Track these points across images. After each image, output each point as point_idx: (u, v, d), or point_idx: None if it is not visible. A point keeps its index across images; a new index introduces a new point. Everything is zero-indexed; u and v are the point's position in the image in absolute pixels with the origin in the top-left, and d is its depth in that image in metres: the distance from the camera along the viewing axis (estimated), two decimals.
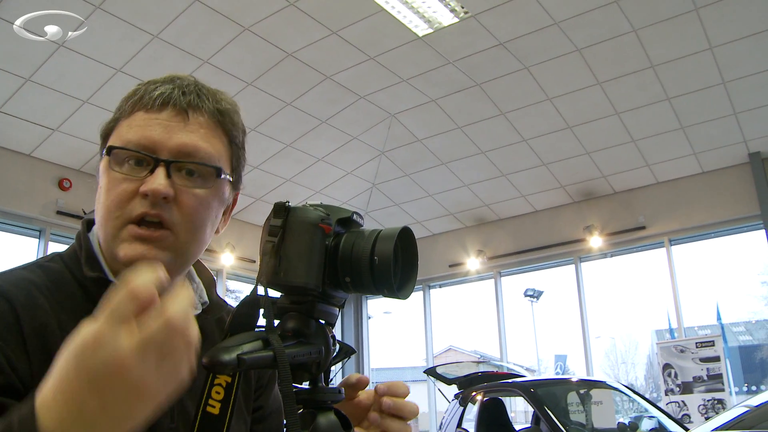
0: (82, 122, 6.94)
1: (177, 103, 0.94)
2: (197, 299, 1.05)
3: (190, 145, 0.93)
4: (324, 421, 0.80)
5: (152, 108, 0.94)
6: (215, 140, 0.97)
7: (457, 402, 6.27)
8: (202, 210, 0.94)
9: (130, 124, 0.94)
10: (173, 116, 0.94)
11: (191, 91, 0.96)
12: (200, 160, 0.94)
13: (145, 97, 0.94)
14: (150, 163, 0.91)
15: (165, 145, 0.92)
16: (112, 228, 0.92)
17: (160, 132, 0.92)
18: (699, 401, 7.33)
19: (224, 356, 0.69)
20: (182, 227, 0.92)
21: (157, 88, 0.95)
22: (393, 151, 8.76)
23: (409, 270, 0.84)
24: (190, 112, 0.95)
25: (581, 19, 6.23)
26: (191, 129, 0.94)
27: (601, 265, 9.53)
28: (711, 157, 8.20)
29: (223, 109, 0.99)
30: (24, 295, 0.87)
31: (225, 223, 1.05)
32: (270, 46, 6.49)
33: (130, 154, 0.92)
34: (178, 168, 0.92)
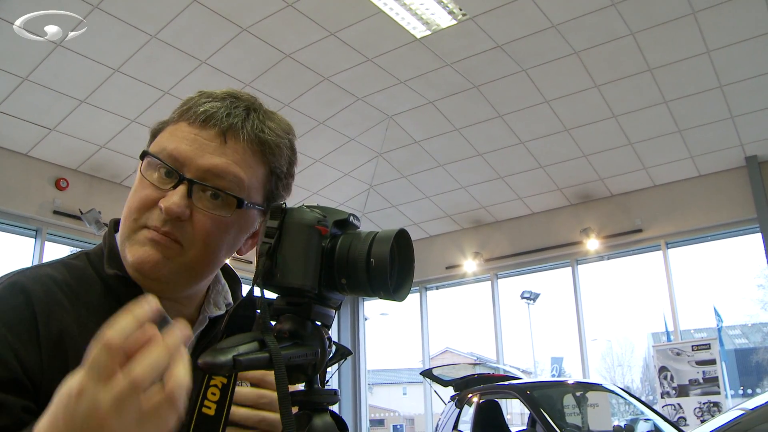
0: (79, 122, 6.93)
1: (218, 123, 0.93)
2: (221, 300, 1.06)
3: (220, 168, 0.92)
4: (320, 423, 0.80)
5: (194, 122, 0.94)
6: (248, 168, 0.95)
7: (453, 404, 6.26)
8: (218, 233, 0.94)
9: (172, 133, 0.95)
10: (213, 137, 0.93)
11: (238, 114, 0.95)
12: (226, 185, 0.92)
13: (192, 109, 0.95)
14: (176, 178, 0.91)
15: (194, 163, 0.92)
16: (127, 229, 0.94)
17: (193, 149, 0.92)
18: (695, 404, 7.34)
19: (220, 357, 0.69)
20: (193, 246, 0.92)
21: (206, 103, 0.95)
22: (390, 153, 8.76)
23: (405, 272, 0.84)
24: (229, 135, 0.94)
25: (579, 22, 6.24)
26: (226, 153, 0.93)
27: (598, 267, 9.54)
28: (708, 160, 8.21)
29: (265, 138, 0.97)
30: (43, 290, 0.88)
31: (251, 247, 1.04)
32: (268, 47, 6.49)
33: (160, 164, 0.93)
34: (202, 189, 0.92)
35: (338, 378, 10.66)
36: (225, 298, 1.07)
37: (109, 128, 7.11)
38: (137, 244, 0.92)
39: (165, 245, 0.91)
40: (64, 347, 0.85)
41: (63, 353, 0.85)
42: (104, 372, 0.58)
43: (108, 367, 0.58)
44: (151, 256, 0.91)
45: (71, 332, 0.87)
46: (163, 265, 0.91)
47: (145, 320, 0.60)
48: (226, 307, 1.06)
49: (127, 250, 0.93)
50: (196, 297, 1.04)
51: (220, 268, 1.01)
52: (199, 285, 1.01)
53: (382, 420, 19.32)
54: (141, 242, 0.92)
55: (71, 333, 0.87)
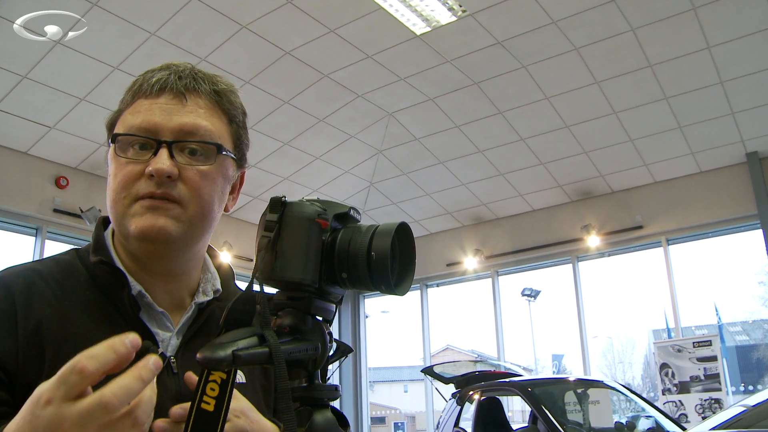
0: (79, 120, 6.92)
1: (174, 87, 0.98)
2: (210, 287, 1.08)
3: (189, 124, 0.97)
4: (320, 419, 0.79)
5: (151, 94, 0.97)
6: (215, 119, 1.00)
7: (454, 401, 6.26)
8: (208, 184, 0.98)
9: (132, 112, 0.98)
10: (171, 99, 0.98)
11: (187, 75, 1.00)
12: (200, 138, 0.97)
13: (144, 84, 0.98)
14: (153, 146, 0.95)
15: (166, 127, 0.95)
16: (121, 207, 0.95)
17: (160, 115, 0.96)
18: (696, 401, 7.34)
19: (219, 352, 0.69)
20: (190, 201, 0.96)
21: (154, 75, 0.99)
22: (390, 150, 8.75)
23: (406, 266, 0.83)
24: (188, 94, 0.99)
25: (579, 18, 6.23)
26: (190, 110, 0.98)
27: (599, 264, 9.53)
28: (708, 156, 8.20)
29: (220, 89, 1.03)
30: (25, 283, 0.92)
31: (234, 201, 1.09)
32: (267, 44, 6.48)
33: (134, 139, 0.96)
34: (180, 148, 0.96)
35: (339, 375, 10.66)
36: (213, 285, 1.09)
37: None
38: (137, 216, 0.94)
39: (165, 208, 0.94)
40: (40, 339, 0.88)
41: (39, 344, 0.88)
42: (73, 391, 0.61)
43: (77, 388, 0.61)
44: (156, 221, 0.94)
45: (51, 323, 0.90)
46: (170, 225, 0.94)
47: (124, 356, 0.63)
48: (214, 293, 1.07)
49: (128, 224, 0.95)
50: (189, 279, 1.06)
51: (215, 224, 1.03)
52: (199, 244, 1.03)
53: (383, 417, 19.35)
54: (140, 213, 0.94)
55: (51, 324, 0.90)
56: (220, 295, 1.08)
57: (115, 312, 0.96)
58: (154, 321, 0.99)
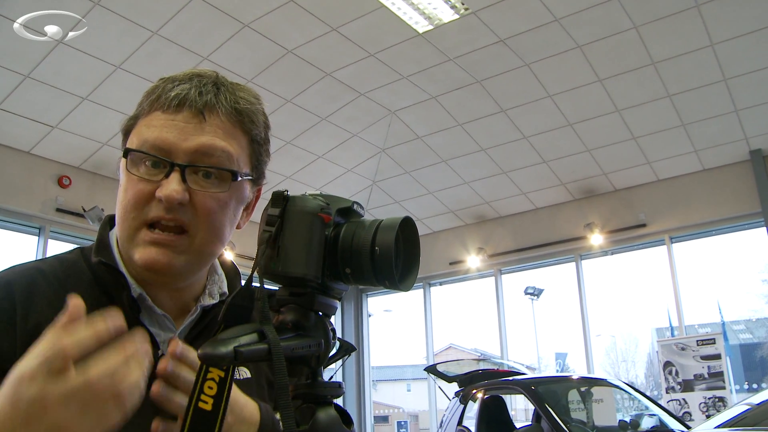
0: (81, 119, 6.92)
1: (193, 104, 0.93)
2: (216, 290, 1.06)
3: (206, 146, 0.92)
4: (323, 416, 0.78)
5: (168, 108, 0.93)
6: (233, 140, 0.96)
7: (457, 400, 6.26)
8: (220, 211, 0.94)
9: (147, 125, 0.94)
10: (190, 118, 0.93)
11: (208, 91, 0.95)
12: (217, 161, 0.93)
13: (162, 96, 0.94)
14: (166, 166, 0.91)
15: (180, 148, 0.91)
16: (127, 229, 0.93)
17: (175, 134, 0.92)
18: (700, 399, 7.32)
19: (221, 349, 0.68)
20: (199, 229, 0.93)
21: (174, 88, 0.94)
22: (393, 149, 8.74)
23: (410, 261, 0.82)
24: (207, 113, 0.94)
25: (582, 15, 6.21)
26: (208, 130, 0.93)
27: (602, 262, 9.52)
28: (712, 154, 8.18)
29: (242, 108, 0.97)
30: (26, 282, 0.91)
31: (247, 218, 1.06)
32: (270, 43, 6.47)
33: (147, 157, 0.92)
34: (193, 171, 0.92)
35: (342, 374, 10.66)
36: (220, 288, 1.07)
37: (111, 125, 7.09)
38: (142, 245, 0.92)
39: (171, 243, 0.92)
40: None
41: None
42: (56, 369, 0.62)
43: (58, 366, 0.62)
44: (161, 256, 0.91)
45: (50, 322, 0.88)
46: (174, 261, 0.92)
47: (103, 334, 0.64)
48: (220, 296, 1.06)
49: (132, 251, 0.93)
50: (195, 285, 1.04)
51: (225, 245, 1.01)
52: (206, 268, 1.02)
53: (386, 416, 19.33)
54: (145, 243, 0.92)
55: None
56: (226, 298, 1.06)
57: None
58: (156, 323, 0.98)
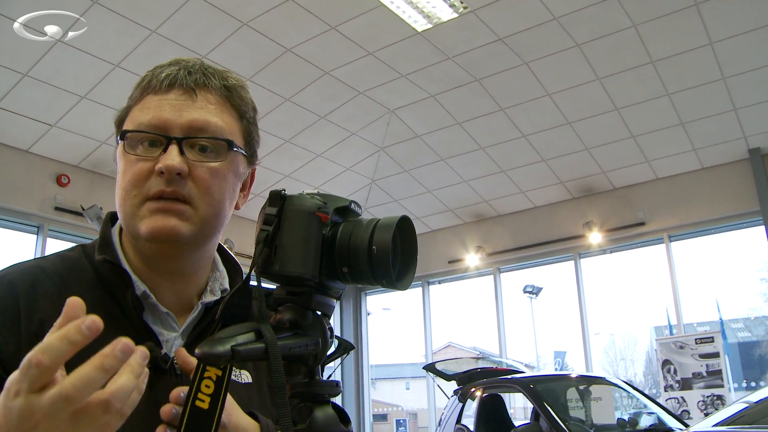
0: (80, 118, 6.92)
1: (184, 82, 0.96)
2: (217, 286, 1.06)
3: (200, 120, 0.95)
4: (321, 415, 0.78)
5: (160, 89, 0.96)
6: (225, 115, 0.98)
7: (456, 398, 6.26)
8: (218, 182, 0.96)
9: (141, 108, 0.96)
10: (181, 95, 0.96)
11: (197, 71, 0.98)
12: (211, 134, 0.95)
13: (153, 80, 0.96)
14: (163, 143, 0.93)
15: (175, 123, 0.94)
16: (130, 207, 0.94)
17: (169, 111, 0.94)
18: (698, 397, 7.33)
19: (218, 347, 0.68)
20: (201, 200, 0.94)
21: (163, 71, 0.97)
22: (392, 147, 8.74)
23: (408, 260, 0.82)
24: (198, 90, 0.97)
25: (581, 14, 6.21)
26: (200, 105, 0.96)
27: (601, 261, 9.52)
28: (711, 153, 8.19)
29: (230, 85, 1.01)
30: (29, 281, 0.90)
31: (245, 199, 1.08)
32: (269, 42, 6.47)
33: (143, 136, 0.94)
34: (190, 144, 0.94)
35: (341, 373, 10.66)
36: (221, 285, 1.07)
37: (110, 124, 6.92)
38: (148, 216, 0.93)
39: (176, 210, 0.93)
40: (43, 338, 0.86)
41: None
42: (36, 384, 0.61)
43: (39, 381, 0.61)
44: (167, 222, 0.92)
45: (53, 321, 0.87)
46: (181, 226, 0.93)
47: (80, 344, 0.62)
48: (221, 293, 1.06)
49: (137, 225, 0.93)
50: (198, 280, 1.05)
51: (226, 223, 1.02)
52: (210, 243, 1.02)
53: (385, 415, 19.33)
54: (150, 213, 0.93)
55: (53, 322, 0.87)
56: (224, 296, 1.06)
57: (118, 311, 0.94)
58: (159, 321, 0.98)
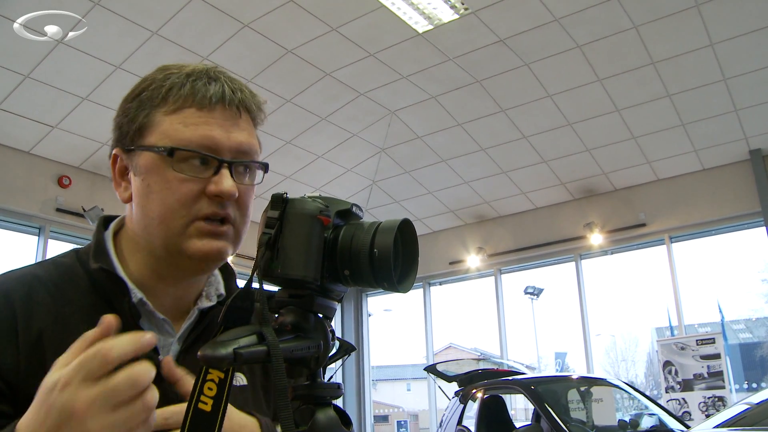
0: (81, 119, 6.92)
1: (230, 101, 0.95)
2: (213, 291, 1.07)
3: (245, 144, 0.96)
4: (323, 417, 0.78)
5: (205, 106, 0.94)
6: (254, 135, 1.00)
7: (457, 399, 6.26)
8: (251, 203, 1.00)
9: (184, 122, 0.93)
10: (227, 115, 0.95)
11: (238, 88, 0.98)
12: (252, 157, 0.97)
13: (198, 94, 0.94)
14: (214, 164, 0.93)
15: (225, 145, 0.93)
16: (178, 226, 0.93)
17: (219, 132, 0.93)
18: (699, 398, 7.32)
19: (221, 350, 0.68)
20: (240, 221, 0.97)
21: (205, 85, 0.95)
22: (393, 148, 8.74)
23: (409, 263, 0.82)
24: (242, 110, 0.97)
25: (581, 15, 6.21)
26: (243, 127, 0.97)
27: (602, 262, 9.52)
28: (711, 154, 8.18)
29: (257, 103, 1.01)
30: (25, 291, 0.89)
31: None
32: (270, 43, 6.47)
33: (196, 156, 0.93)
34: (237, 167, 0.95)
35: (342, 374, 10.66)
36: (216, 290, 1.08)
37: (111, 125, 7.09)
38: (195, 238, 0.93)
39: (225, 234, 0.95)
40: (42, 348, 0.87)
41: (41, 354, 0.86)
42: (93, 375, 0.64)
43: (98, 372, 0.64)
44: (218, 245, 0.94)
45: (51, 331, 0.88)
46: (227, 248, 0.96)
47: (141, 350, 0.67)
48: (217, 298, 1.06)
49: (184, 243, 0.93)
50: (197, 285, 1.05)
51: None
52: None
53: (386, 416, 19.32)
54: (199, 235, 0.93)
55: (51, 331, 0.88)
56: (223, 299, 1.07)
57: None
58: (156, 328, 0.97)
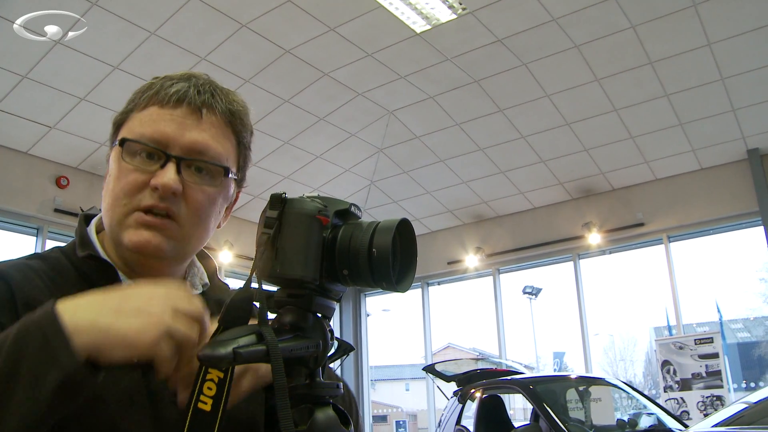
0: (79, 120, 6.92)
1: (192, 101, 0.97)
2: (198, 281, 1.08)
3: (201, 143, 0.96)
4: (322, 417, 0.79)
5: (167, 104, 0.96)
6: (225, 140, 0.99)
7: (456, 399, 6.26)
8: (208, 206, 0.98)
9: (143, 118, 0.96)
10: (188, 114, 0.96)
11: (206, 90, 0.99)
12: (210, 158, 0.96)
13: (161, 92, 0.97)
14: (161, 158, 0.94)
15: (177, 142, 0.95)
16: (119, 215, 0.95)
17: (173, 128, 0.95)
18: (698, 398, 7.33)
19: (220, 350, 0.68)
20: (188, 220, 0.96)
21: (173, 85, 0.98)
22: (391, 148, 8.75)
23: (407, 263, 0.83)
24: (204, 110, 0.97)
25: (579, 15, 6.22)
26: (203, 128, 0.97)
27: (600, 262, 9.53)
28: (709, 153, 8.19)
29: (235, 110, 1.01)
30: (21, 275, 0.90)
31: (226, 219, 1.09)
32: (267, 43, 6.47)
33: (143, 148, 0.95)
34: (187, 165, 0.96)
35: (341, 374, 10.62)
36: (201, 279, 1.09)
37: (109, 126, 7.06)
38: (132, 228, 0.94)
39: (161, 226, 0.94)
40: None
41: None
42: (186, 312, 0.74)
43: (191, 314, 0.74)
44: (152, 238, 0.94)
45: None
46: (164, 244, 0.95)
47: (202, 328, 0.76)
48: (203, 287, 1.08)
49: (122, 233, 0.95)
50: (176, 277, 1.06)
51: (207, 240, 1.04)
52: (190, 257, 1.05)
53: (384, 416, 19.32)
54: (136, 225, 0.94)
55: None
56: (208, 289, 1.09)
57: None
58: None
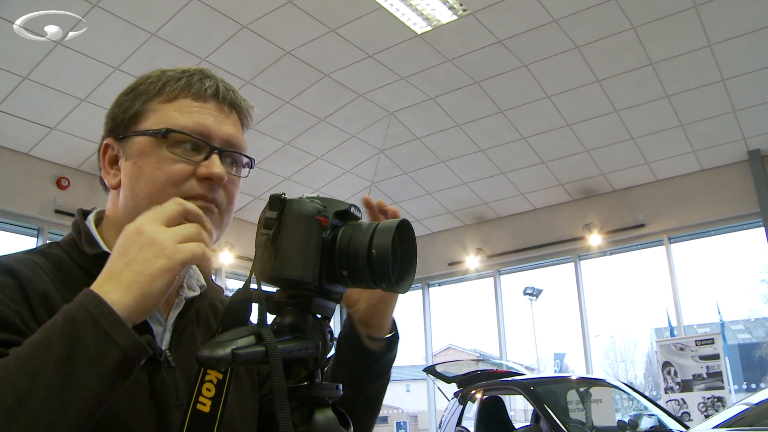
0: (80, 121, 6.92)
1: (224, 97, 1.02)
2: (194, 282, 1.08)
3: (234, 136, 1.02)
4: (321, 418, 0.78)
5: (201, 97, 1.00)
6: (242, 134, 1.06)
7: (456, 400, 6.25)
8: (236, 195, 1.04)
9: (179, 110, 0.99)
10: (218, 108, 1.01)
11: (230, 88, 1.05)
12: (241, 150, 1.03)
13: (195, 85, 1.01)
14: (204, 149, 0.98)
15: (217, 134, 0.99)
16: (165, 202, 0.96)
17: (211, 121, 0.99)
18: (699, 399, 7.32)
19: (219, 351, 0.68)
20: (225, 208, 1.01)
21: (204, 79, 1.02)
22: (392, 150, 8.74)
23: (407, 263, 0.82)
24: (231, 106, 1.04)
25: (580, 16, 6.21)
26: (233, 122, 1.03)
27: (601, 263, 9.52)
28: (710, 154, 8.19)
29: (247, 108, 1.08)
30: (29, 270, 0.91)
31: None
32: (268, 44, 6.47)
33: (189, 139, 0.97)
34: (226, 156, 1.00)
35: None
36: (198, 280, 1.09)
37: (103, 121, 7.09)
38: None
39: (212, 212, 0.98)
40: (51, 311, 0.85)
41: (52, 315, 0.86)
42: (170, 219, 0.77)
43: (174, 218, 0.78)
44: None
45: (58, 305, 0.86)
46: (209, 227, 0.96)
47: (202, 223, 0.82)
48: (200, 289, 1.07)
49: None
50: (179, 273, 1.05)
51: None
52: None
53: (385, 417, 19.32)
54: None
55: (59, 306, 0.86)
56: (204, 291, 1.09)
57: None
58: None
